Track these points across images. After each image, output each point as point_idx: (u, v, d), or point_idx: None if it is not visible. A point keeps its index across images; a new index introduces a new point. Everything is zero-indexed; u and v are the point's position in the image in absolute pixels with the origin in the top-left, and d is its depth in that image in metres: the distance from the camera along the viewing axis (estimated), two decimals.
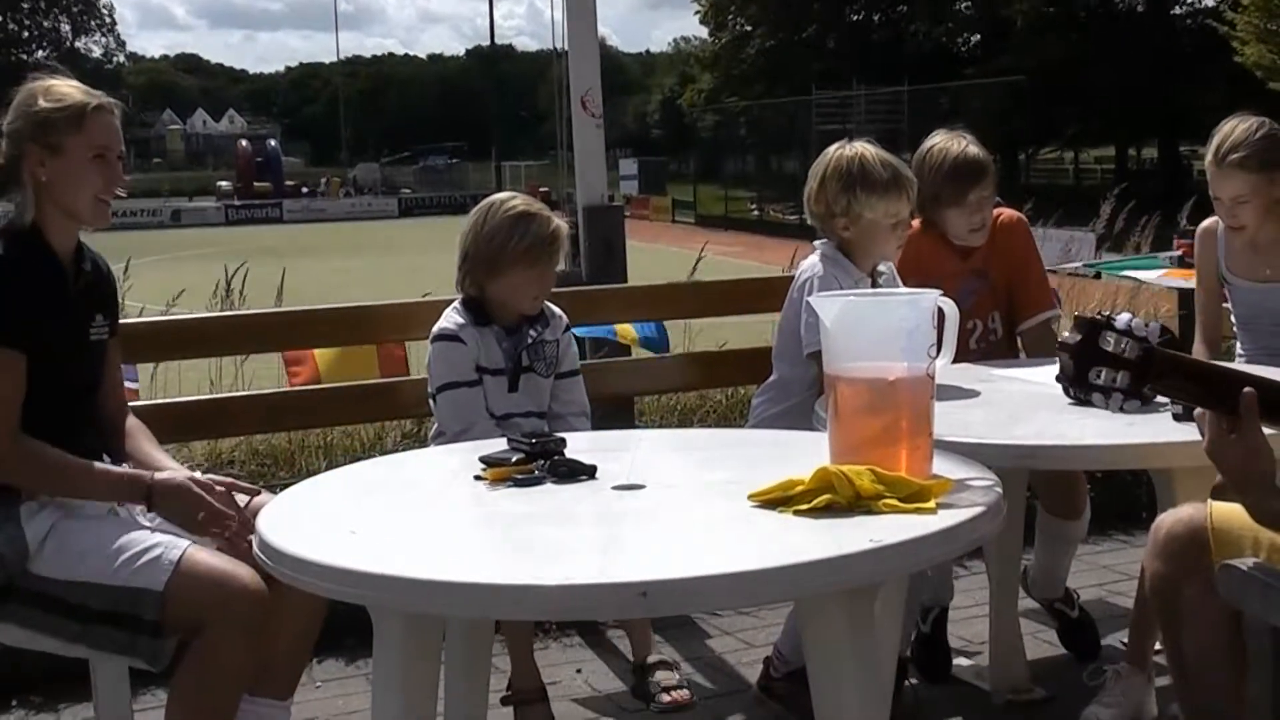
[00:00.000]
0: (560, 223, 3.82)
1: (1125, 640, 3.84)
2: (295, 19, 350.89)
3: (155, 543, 2.91)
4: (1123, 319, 2.34)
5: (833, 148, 3.89)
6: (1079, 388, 2.38)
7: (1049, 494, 4.26)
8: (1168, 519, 2.83)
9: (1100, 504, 4.81)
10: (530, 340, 3.80)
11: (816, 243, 3.95)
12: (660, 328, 5.24)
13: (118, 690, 3.24)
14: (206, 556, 2.90)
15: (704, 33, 70.88)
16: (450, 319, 3.78)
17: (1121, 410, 3.05)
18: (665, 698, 3.86)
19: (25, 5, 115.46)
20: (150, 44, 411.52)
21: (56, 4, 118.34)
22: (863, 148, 3.82)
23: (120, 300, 3.67)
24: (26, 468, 2.97)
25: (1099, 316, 2.32)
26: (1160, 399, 3.15)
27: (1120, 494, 5.48)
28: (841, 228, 3.83)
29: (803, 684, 2.48)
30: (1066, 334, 2.37)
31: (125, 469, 3.14)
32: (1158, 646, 3.42)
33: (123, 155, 3.17)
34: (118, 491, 3.05)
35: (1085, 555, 4.95)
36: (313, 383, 4.71)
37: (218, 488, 3.07)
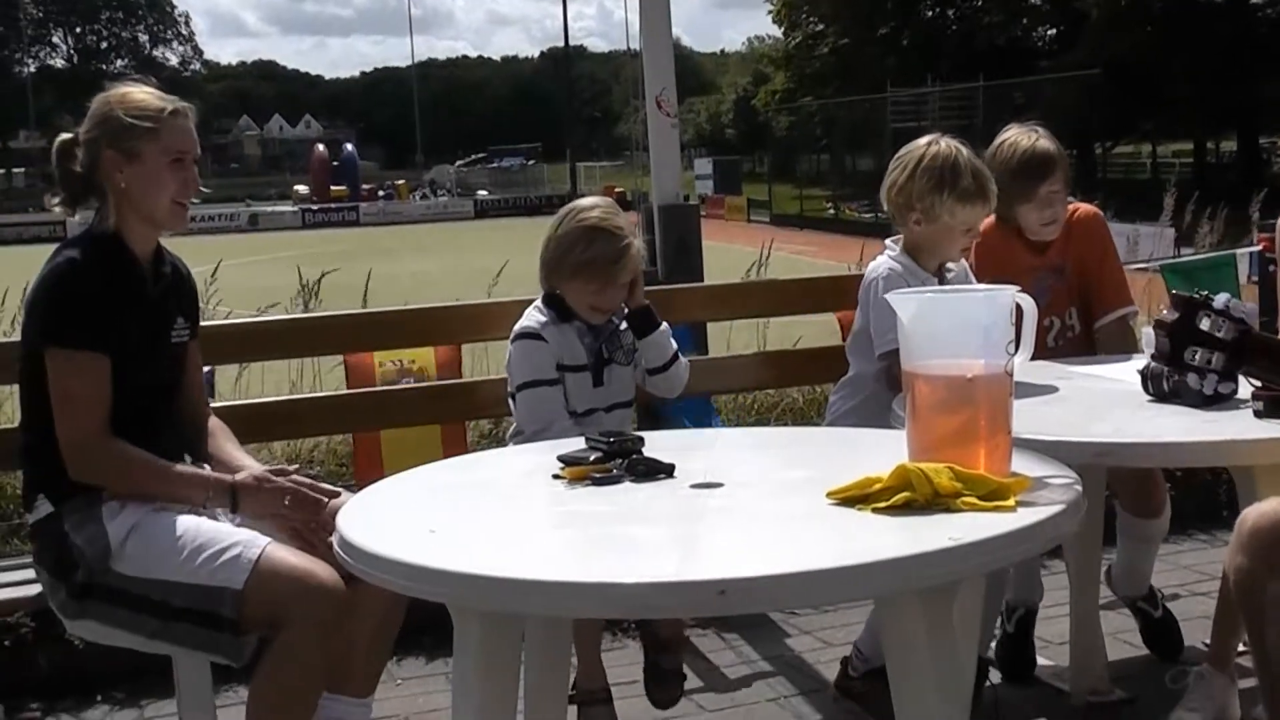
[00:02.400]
0: (634, 242, 3.68)
1: (1207, 641, 3.80)
2: (365, 24, 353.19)
3: (235, 541, 2.94)
4: (1221, 299, 2.31)
5: (923, 141, 3.86)
6: (1174, 366, 2.36)
7: (1128, 492, 4.21)
8: (1252, 513, 2.80)
9: (1180, 503, 4.75)
10: (609, 331, 3.77)
11: (887, 241, 3.94)
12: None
13: (200, 686, 3.28)
14: (285, 555, 2.93)
15: (777, 31, 70.79)
16: (532, 317, 3.73)
17: (1216, 391, 3.02)
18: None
19: (104, 16, 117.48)
20: (222, 51, 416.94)
21: (134, 15, 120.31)
22: (956, 149, 3.78)
23: (205, 303, 3.71)
24: (115, 468, 3.02)
25: (1196, 295, 2.29)
26: (1241, 395, 3.13)
27: (1200, 493, 5.42)
28: (914, 221, 3.82)
29: (881, 683, 2.46)
30: (1165, 311, 2.34)
31: (208, 471, 3.18)
32: (1241, 648, 3.38)
33: (198, 158, 3.20)
34: (202, 492, 3.08)
35: (1165, 555, 4.89)
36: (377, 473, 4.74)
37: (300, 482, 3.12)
